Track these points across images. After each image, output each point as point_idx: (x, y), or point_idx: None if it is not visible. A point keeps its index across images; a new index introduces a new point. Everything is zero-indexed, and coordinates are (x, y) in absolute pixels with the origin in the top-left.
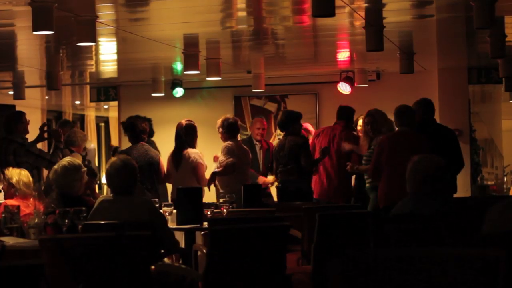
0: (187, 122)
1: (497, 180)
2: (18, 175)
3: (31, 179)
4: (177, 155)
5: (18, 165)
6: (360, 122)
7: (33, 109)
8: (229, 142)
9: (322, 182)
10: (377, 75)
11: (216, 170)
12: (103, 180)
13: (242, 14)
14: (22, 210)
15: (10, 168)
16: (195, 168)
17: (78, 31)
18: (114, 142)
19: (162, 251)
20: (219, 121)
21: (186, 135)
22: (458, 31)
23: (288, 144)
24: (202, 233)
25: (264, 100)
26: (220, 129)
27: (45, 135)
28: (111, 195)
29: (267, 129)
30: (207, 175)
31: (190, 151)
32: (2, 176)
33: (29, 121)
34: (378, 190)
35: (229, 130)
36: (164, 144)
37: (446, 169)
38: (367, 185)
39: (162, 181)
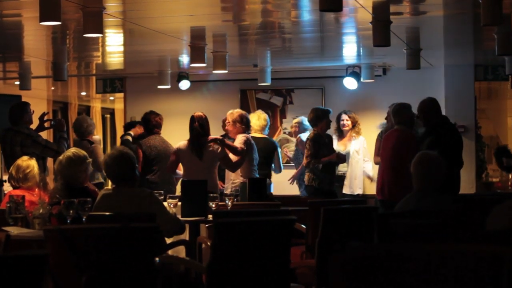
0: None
1: (502, 177)
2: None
3: (25, 169)
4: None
5: (24, 155)
6: (343, 117)
7: (39, 100)
8: (246, 136)
9: None
10: (384, 70)
11: (229, 142)
12: None
13: (249, 7)
14: (27, 200)
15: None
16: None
17: (85, 22)
18: (120, 134)
19: (168, 241)
20: (235, 116)
21: (205, 126)
22: (465, 27)
23: None
24: (206, 225)
25: (270, 94)
26: (238, 124)
27: (46, 124)
28: (112, 187)
29: (273, 123)
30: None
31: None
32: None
33: (33, 111)
34: None
35: (247, 125)
36: (170, 136)
37: (448, 166)
38: None
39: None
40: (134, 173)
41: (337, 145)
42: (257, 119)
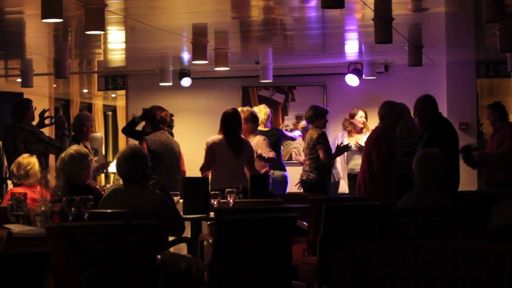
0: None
1: None
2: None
3: (26, 167)
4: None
5: (27, 152)
6: (360, 114)
7: (41, 97)
8: (264, 136)
9: None
10: (385, 67)
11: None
12: (110, 169)
13: (251, 4)
14: (29, 197)
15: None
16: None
17: (87, 19)
18: (121, 131)
19: (170, 239)
20: (247, 114)
21: (240, 122)
22: (467, 24)
23: (307, 137)
24: (208, 223)
25: (271, 91)
26: (249, 123)
27: (47, 121)
28: (122, 184)
29: (274, 120)
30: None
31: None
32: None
33: (35, 108)
34: None
35: (257, 123)
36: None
37: (448, 163)
38: None
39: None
40: (145, 172)
41: (348, 141)
42: (258, 112)
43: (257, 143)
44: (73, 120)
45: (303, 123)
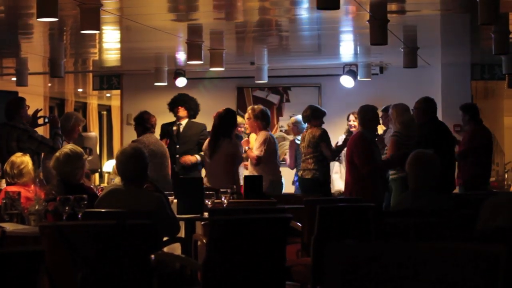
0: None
1: (498, 177)
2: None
3: (19, 165)
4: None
5: (20, 151)
6: (350, 118)
7: (36, 96)
8: (267, 133)
9: None
10: (380, 69)
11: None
12: (104, 168)
13: (247, 5)
14: (23, 196)
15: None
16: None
17: (82, 19)
18: (116, 131)
19: (165, 238)
20: (257, 111)
21: (222, 124)
22: (462, 26)
23: (307, 136)
24: (202, 223)
25: (266, 92)
26: (259, 121)
27: (40, 121)
28: (121, 184)
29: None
30: None
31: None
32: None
33: (29, 107)
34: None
35: (268, 121)
36: None
37: (443, 165)
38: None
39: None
40: (145, 173)
41: None
42: None
43: (257, 139)
44: (65, 118)
45: (293, 118)
